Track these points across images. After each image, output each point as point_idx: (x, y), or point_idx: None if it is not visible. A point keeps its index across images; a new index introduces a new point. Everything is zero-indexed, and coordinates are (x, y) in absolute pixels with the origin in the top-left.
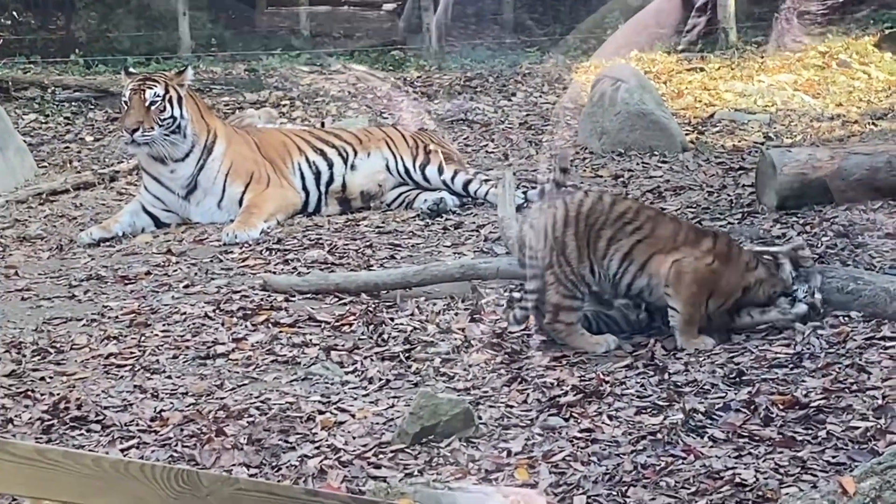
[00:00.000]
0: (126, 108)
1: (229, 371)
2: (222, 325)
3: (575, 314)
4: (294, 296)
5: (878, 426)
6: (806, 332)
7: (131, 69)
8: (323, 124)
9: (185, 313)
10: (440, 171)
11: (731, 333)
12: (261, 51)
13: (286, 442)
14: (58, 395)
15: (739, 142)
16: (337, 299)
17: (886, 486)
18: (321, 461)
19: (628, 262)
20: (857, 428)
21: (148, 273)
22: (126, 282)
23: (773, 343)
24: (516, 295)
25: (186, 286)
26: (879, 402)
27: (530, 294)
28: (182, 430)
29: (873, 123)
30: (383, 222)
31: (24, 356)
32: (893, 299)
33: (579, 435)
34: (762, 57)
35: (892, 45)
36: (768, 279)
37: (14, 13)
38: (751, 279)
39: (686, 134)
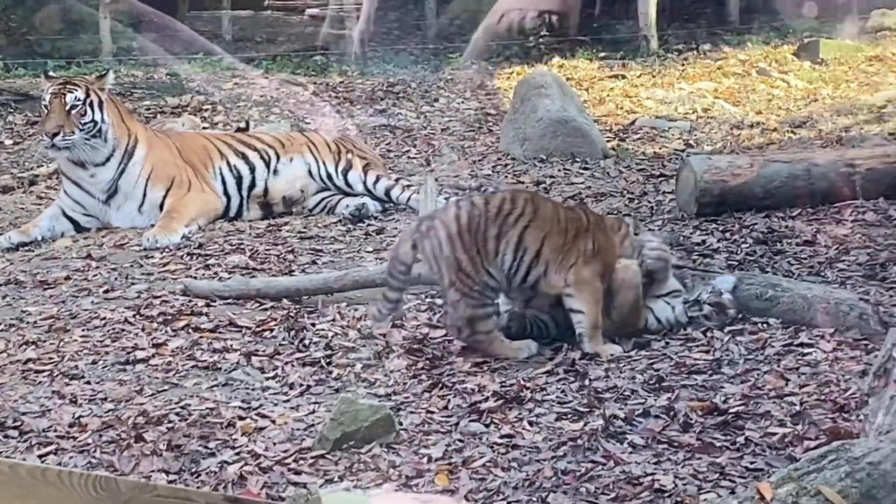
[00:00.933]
0: (46, 111)
1: (149, 376)
2: (142, 330)
3: (490, 321)
4: (215, 301)
5: (796, 432)
6: (724, 338)
7: (51, 73)
8: (248, 125)
9: (104, 318)
10: (362, 176)
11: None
12: (182, 55)
13: (206, 448)
14: None
15: (660, 149)
16: (258, 305)
17: (803, 492)
18: (241, 467)
19: (521, 251)
20: (775, 434)
21: (67, 278)
22: (45, 286)
23: (692, 350)
24: (390, 294)
25: (106, 291)
26: (797, 408)
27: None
28: (101, 435)
29: (792, 131)
30: (305, 227)
31: None
32: (811, 306)
33: (500, 441)
34: (683, 65)
35: (811, 54)
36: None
37: None
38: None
39: (607, 141)
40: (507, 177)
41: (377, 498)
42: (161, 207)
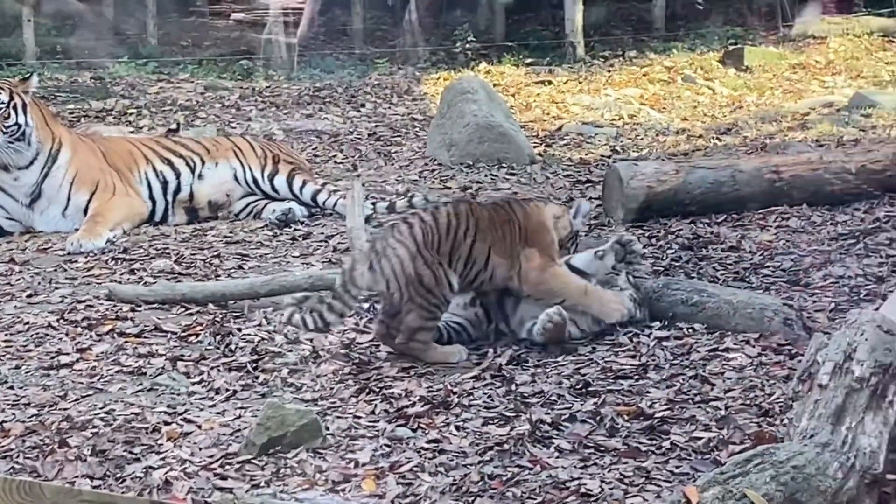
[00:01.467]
0: None
1: (73, 381)
2: (66, 335)
3: (430, 333)
4: (140, 306)
5: (721, 437)
6: (651, 343)
7: None
8: (178, 127)
9: (28, 323)
10: (289, 181)
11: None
12: (107, 58)
13: (131, 453)
14: None
15: (587, 155)
16: (184, 309)
17: (729, 496)
18: (166, 472)
19: (472, 263)
20: (701, 438)
21: None
22: None
23: (618, 354)
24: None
25: (30, 295)
26: (722, 412)
27: (377, 318)
28: (24, 441)
29: (717, 138)
30: (231, 232)
31: None
32: (736, 311)
33: (427, 446)
34: (609, 71)
35: (736, 61)
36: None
37: None
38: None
39: (534, 146)
40: (433, 182)
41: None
42: (85, 212)
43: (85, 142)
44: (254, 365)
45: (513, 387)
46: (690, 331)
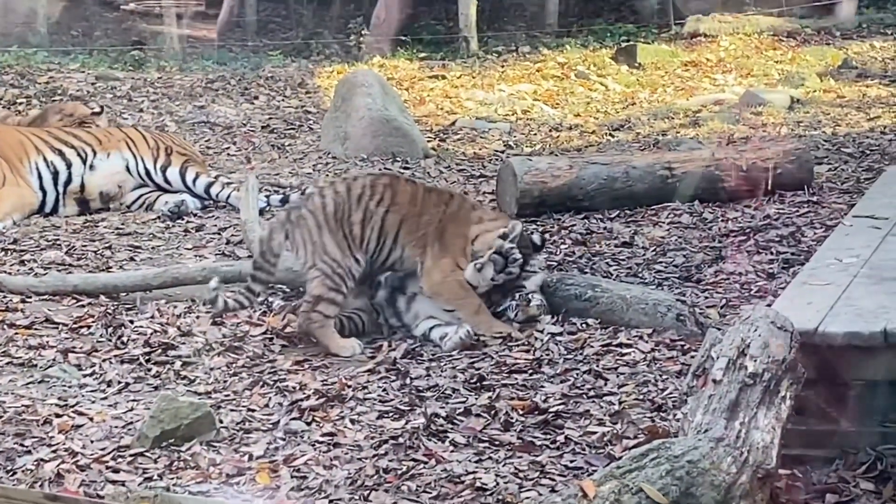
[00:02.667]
0: None
1: None
2: None
3: (334, 308)
4: (30, 297)
5: (615, 431)
6: (545, 338)
7: None
8: (102, 110)
9: None
10: (182, 173)
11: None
12: None
13: (21, 445)
14: None
15: (480, 150)
16: (75, 301)
17: (625, 490)
18: (58, 465)
19: (384, 236)
20: (595, 433)
21: None
22: None
23: (512, 349)
24: (255, 287)
25: None
26: (616, 407)
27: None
28: None
29: (610, 134)
30: (123, 224)
31: None
32: (630, 307)
33: (321, 439)
34: (502, 66)
35: (629, 58)
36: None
37: None
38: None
39: (428, 141)
40: (327, 175)
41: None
42: None
43: None
44: (146, 357)
45: (407, 380)
46: (584, 325)
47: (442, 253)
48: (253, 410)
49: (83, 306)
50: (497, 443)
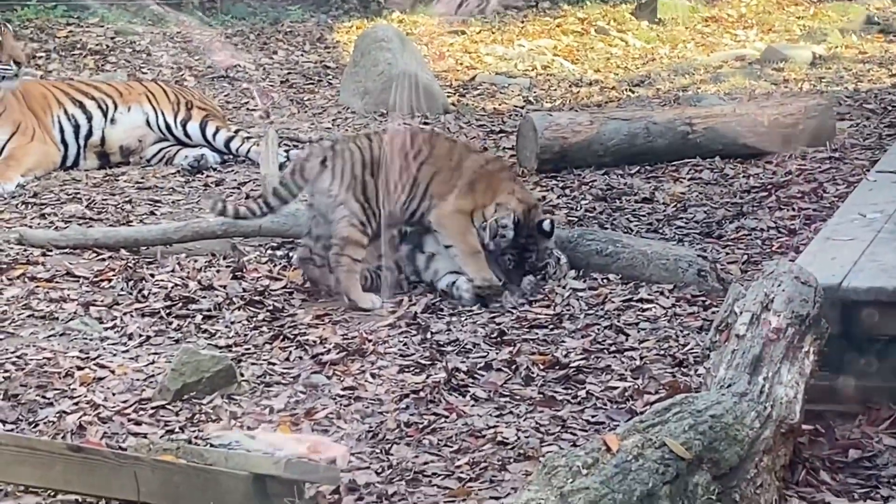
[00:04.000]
0: None
1: None
2: None
3: (361, 251)
4: (51, 250)
5: (636, 386)
6: (565, 294)
7: None
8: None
9: None
10: (202, 127)
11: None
12: (15, 1)
13: (44, 398)
14: None
15: (500, 105)
16: (95, 255)
17: (648, 444)
18: (80, 417)
19: (416, 189)
20: (616, 388)
21: None
22: None
23: (533, 304)
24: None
25: None
26: (637, 362)
27: (301, 243)
28: None
29: (630, 90)
30: (143, 178)
31: None
32: (651, 262)
33: (342, 393)
34: (522, 22)
35: (649, 14)
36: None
37: None
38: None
39: (448, 96)
40: (347, 130)
41: (260, 436)
42: (1, 151)
43: None
44: (167, 311)
45: (428, 335)
46: (605, 281)
47: (462, 199)
48: (274, 364)
49: (104, 260)
50: (518, 397)
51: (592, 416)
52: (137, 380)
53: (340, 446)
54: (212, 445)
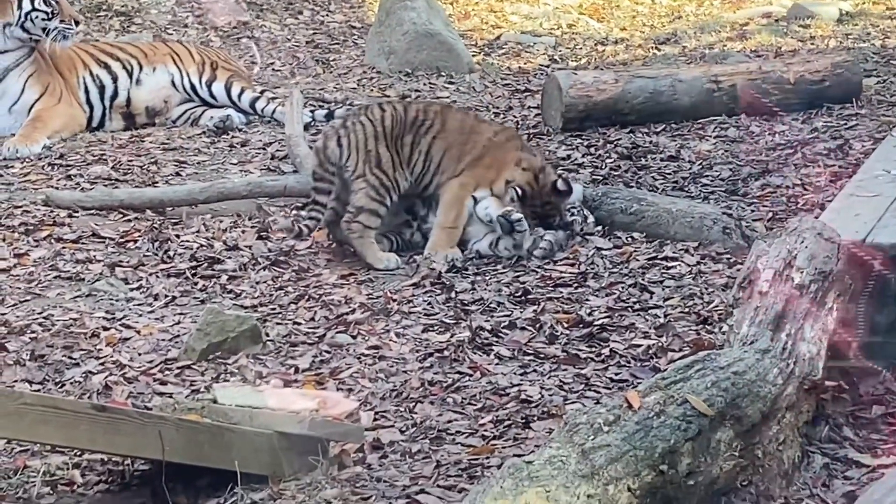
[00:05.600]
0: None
1: (11, 287)
2: (3, 240)
3: (375, 219)
4: (77, 212)
5: (660, 344)
6: (589, 252)
7: None
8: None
9: None
10: (227, 87)
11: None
12: None
13: (70, 358)
14: None
15: (525, 64)
16: (121, 216)
17: (670, 401)
18: (106, 377)
19: (429, 160)
20: (640, 346)
21: None
22: None
23: (557, 263)
24: (320, 199)
25: None
26: (661, 320)
27: (327, 206)
28: None
29: (656, 48)
30: (169, 139)
31: None
32: (676, 220)
33: (367, 352)
34: None
35: None
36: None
37: None
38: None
39: (473, 55)
40: (372, 90)
41: (268, 392)
42: (29, 112)
43: None
44: (193, 271)
45: (452, 294)
46: (630, 239)
47: (470, 172)
48: (298, 324)
49: (129, 221)
50: (542, 355)
51: (616, 374)
52: (163, 340)
53: (350, 401)
54: (214, 401)
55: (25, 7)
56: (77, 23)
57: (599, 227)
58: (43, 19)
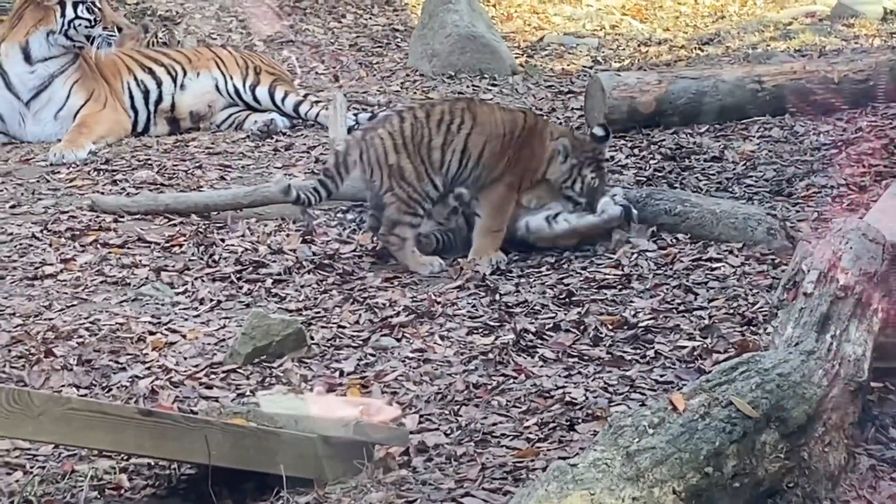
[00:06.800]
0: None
1: (58, 292)
2: (50, 245)
3: (411, 231)
4: (123, 216)
5: (705, 346)
6: (633, 254)
7: None
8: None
9: (11, 234)
10: (270, 92)
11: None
12: None
13: (116, 363)
14: None
15: (568, 65)
16: (166, 220)
17: (715, 403)
18: (152, 382)
19: (466, 157)
20: (684, 347)
21: None
22: None
23: (601, 265)
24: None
25: (13, 206)
26: (706, 322)
27: (367, 211)
28: (10, 350)
29: (699, 48)
30: (213, 143)
31: None
32: (720, 221)
33: (411, 355)
34: None
35: None
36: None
37: None
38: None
39: (516, 57)
40: (415, 93)
41: (311, 400)
42: (74, 117)
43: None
44: (238, 275)
45: (497, 296)
46: (674, 241)
47: (511, 172)
48: (343, 327)
49: (175, 225)
50: (586, 358)
51: (661, 376)
52: (208, 344)
53: (392, 408)
54: (257, 406)
55: (69, 15)
56: (119, 29)
57: (642, 226)
58: (86, 27)
